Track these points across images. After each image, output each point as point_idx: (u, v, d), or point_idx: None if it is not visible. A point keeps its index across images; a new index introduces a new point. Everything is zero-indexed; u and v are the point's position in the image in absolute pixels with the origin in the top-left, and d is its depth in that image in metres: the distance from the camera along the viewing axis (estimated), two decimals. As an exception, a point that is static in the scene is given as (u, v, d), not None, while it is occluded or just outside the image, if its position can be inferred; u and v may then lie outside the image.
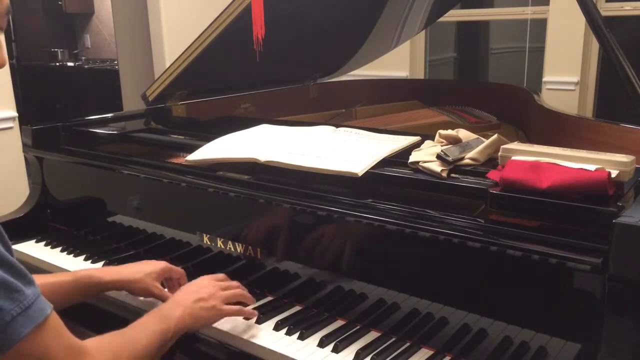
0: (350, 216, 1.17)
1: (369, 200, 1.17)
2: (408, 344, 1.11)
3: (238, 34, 1.64)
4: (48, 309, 0.84)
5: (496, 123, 2.23)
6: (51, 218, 1.77)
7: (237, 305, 1.20)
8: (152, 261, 1.31)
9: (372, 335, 1.14)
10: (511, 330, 1.03)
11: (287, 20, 1.85)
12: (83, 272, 1.24)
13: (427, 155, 1.19)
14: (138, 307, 1.29)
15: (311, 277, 1.25)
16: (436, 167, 1.15)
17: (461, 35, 4.74)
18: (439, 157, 1.16)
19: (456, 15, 4.01)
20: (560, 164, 1.02)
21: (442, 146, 1.22)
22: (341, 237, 1.20)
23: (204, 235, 1.39)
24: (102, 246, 1.62)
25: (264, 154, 1.32)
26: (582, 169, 0.99)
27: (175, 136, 1.70)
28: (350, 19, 2.17)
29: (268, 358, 1.11)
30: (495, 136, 1.21)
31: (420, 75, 4.13)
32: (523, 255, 0.98)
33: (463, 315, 1.08)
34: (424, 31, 3.72)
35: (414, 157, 1.20)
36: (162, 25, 3.80)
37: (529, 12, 3.63)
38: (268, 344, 1.12)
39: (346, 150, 1.29)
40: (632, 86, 1.56)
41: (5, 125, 3.03)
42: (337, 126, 1.48)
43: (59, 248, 1.60)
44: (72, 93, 6.18)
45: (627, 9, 3.31)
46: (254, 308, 1.24)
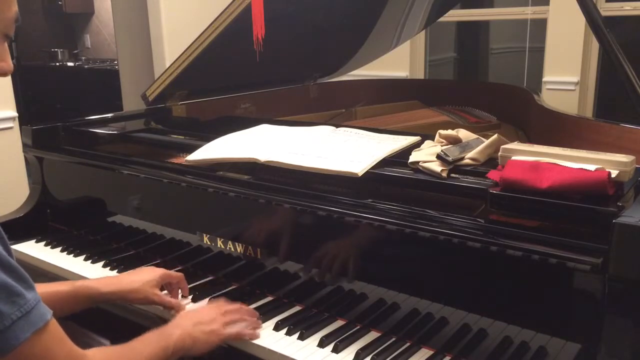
0: (350, 216, 1.17)
1: (369, 200, 1.17)
2: (408, 344, 1.11)
3: (238, 34, 1.64)
4: (48, 315, 0.84)
5: (496, 123, 2.23)
6: (51, 218, 1.78)
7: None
8: (150, 268, 1.30)
9: (372, 335, 1.14)
10: (511, 330, 1.03)
11: (287, 20, 1.85)
12: (81, 283, 1.23)
13: (427, 155, 1.19)
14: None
15: (311, 277, 1.25)
16: (436, 167, 1.15)
17: (461, 35, 4.73)
18: (439, 157, 1.16)
19: (456, 15, 4.00)
20: (560, 164, 1.02)
21: (442, 146, 1.22)
22: (341, 237, 1.20)
23: (204, 235, 1.39)
24: (102, 246, 1.62)
25: (264, 154, 1.32)
26: (582, 169, 0.99)
27: (175, 136, 1.70)
28: (350, 19, 2.17)
29: (268, 358, 1.11)
30: (495, 136, 1.21)
31: (420, 75, 4.13)
32: (523, 255, 0.98)
33: (463, 315, 1.08)
34: (424, 31, 3.71)
35: (414, 157, 1.20)
36: (162, 25, 3.79)
37: (529, 12, 3.62)
38: (268, 344, 1.12)
39: (346, 150, 1.29)
40: (632, 86, 1.56)
41: (5, 125, 3.02)
42: (337, 126, 1.48)
43: (59, 248, 1.61)
44: (72, 93, 6.17)
45: (627, 9, 3.31)
46: (255, 308, 1.24)
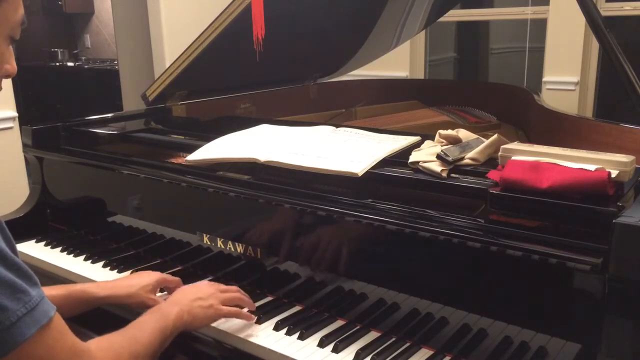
0: (350, 216, 1.17)
1: (369, 200, 1.17)
2: (408, 344, 1.11)
3: (238, 34, 1.64)
4: (52, 311, 0.85)
5: (496, 123, 2.23)
6: (51, 218, 1.77)
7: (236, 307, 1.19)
8: (147, 272, 1.30)
9: (372, 335, 1.14)
10: (511, 330, 1.03)
11: (287, 20, 1.85)
12: (77, 287, 1.23)
13: (427, 155, 1.19)
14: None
15: (311, 277, 1.25)
16: (436, 167, 1.15)
17: (461, 35, 4.74)
18: (439, 157, 1.16)
19: (456, 15, 4.00)
20: (560, 164, 1.02)
21: (442, 146, 1.22)
22: (341, 237, 1.20)
23: (204, 235, 1.39)
24: (102, 246, 1.62)
25: (264, 154, 1.32)
26: (582, 169, 0.99)
27: (175, 136, 1.70)
28: (350, 19, 2.17)
29: (268, 358, 1.11)
30: (495, 136, 1.21)
31: (420, 75, 4.13)
32: (523, 255, 0.98)
33: (463, 315, 1.08)
34: (424, 31, 3.71)
35: (414, 157, 1.20)
36: (162, 25, 3.79)
37: (529, 12, 3.62)
38: (268, 344, 1.12)
39: (346, 150, 1.29)
40: (632, 86, 1.56)
41: (5, 125, 3.02)
42: (337, 126, 1.48)
43: (59, 248, 1.60)
44: (72, 93, 6.18)
45: (627, 9, 3.31)
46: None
